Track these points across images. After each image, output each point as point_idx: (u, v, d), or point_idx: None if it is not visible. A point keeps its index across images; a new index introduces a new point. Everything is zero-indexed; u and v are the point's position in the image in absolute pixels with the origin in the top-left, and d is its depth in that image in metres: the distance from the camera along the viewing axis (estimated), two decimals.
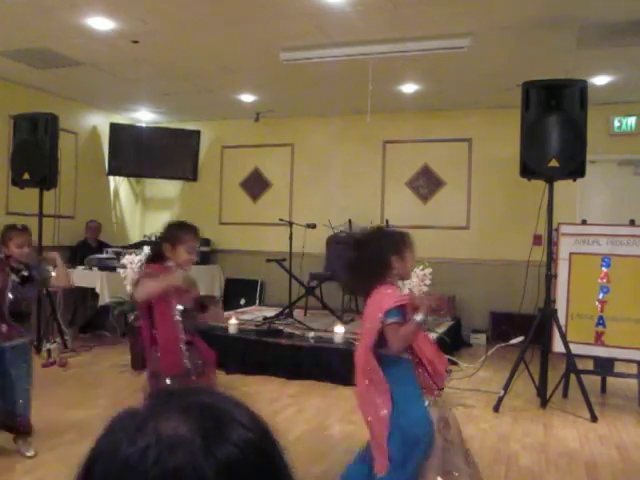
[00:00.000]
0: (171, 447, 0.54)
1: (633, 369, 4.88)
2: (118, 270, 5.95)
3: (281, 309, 6.60)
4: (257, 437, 0.58)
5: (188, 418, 0.56)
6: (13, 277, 3.39)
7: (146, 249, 5.87)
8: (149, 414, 0.58)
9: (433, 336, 5.76)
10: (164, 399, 0.61)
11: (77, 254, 7.20)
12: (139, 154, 8.50)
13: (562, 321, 4.78)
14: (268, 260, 6.94)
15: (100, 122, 8.36)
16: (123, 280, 5.65)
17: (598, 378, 5.14)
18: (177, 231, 3.05)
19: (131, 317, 5.59)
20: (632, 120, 7.01)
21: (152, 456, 0.54)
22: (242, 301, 8.20)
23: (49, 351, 5.64)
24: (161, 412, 0.58)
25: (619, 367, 5.05)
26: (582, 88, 4.61)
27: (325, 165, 8.26)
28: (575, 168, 4.58)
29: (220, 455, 0.54)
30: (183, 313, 2.95)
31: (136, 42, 5.42)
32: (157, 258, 3.03)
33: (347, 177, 8.16)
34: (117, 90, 7.26)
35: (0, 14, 4.85)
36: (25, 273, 3.42)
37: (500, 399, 4.50)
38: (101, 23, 4.99)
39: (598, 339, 4.83)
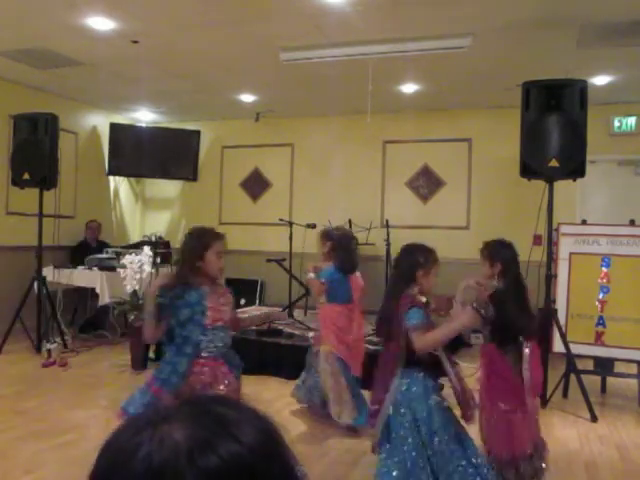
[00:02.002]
0: (160, 448, 0.58)
1: (633, 369, 4.88)
2: (118, 270, 5.95)
3: (281, 309, 6.60)
4: (248, 453, 0.59)
5: (189, 425, 0.60)
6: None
7: (146, 249, 5.88)
8: (159, 416, 0.62)
9: None
10: (181, 404, 0.65)
11: (77, 254, 7.20)
12: (139, 154, 8.50)
13: (562, 321, 4.78)
14: (268, 260, 6.94)
15: (100, 122, 8.36)
16: (123, 280, 5.65)
17: (598, 378, 5.13)
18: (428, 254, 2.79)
19: (131, 317, 5.58)
20: (632, 120, 7.01)
21: (142, 452, 0.58)
22: (242, 301, 8.19)
23: (49, 351, 5.64)
24: (170, 416, 0.62)
25: (619, 367, 5.05)
26: (582, 88, 4.61)
27: (325, 165, 8.26)
28: (575, 168, 4.59)
29: (202, 464, 0.57)
30: None
31: (136, 42, 5.42)
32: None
33: (347, 177, 8.15)
34: (117, 90, 7.26)
35: (0, 14, 4.85)
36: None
37: None
38: (101, 23, 4.98)
39: (598, 339, 4.83)
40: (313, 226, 6.92)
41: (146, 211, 9.38)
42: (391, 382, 2.58)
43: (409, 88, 6.79)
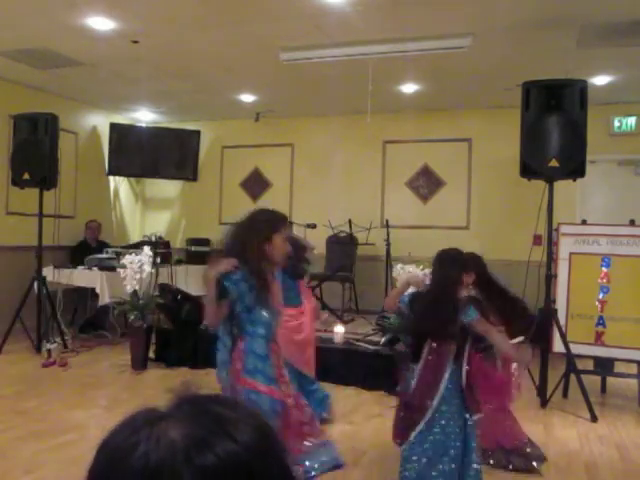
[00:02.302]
0: (157, 446, 0.59)
1: (633, 369, 4.88)
2: (118, 270, 5.95)
3: None
4: (244, 452, 0.60)
5: (186, 424, 0.61)
6: None
7: (146, 249, 5.87)
8: (156, 415, 0.63)
9: None
10: (179, 403, 0.65)
11: (77, 254, 7.19)
12: (139, 154, 8.49)
13: (562, 321, 4.78)
14: None
15: (100, 122, 8.36)
16: (123, 280, 5.65)
17: (598, 378, 5.13)
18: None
19: (131, 317, 5.58)
20: (632, 120, 7.01)
21: (139, 451, 0.59)
22: None
23: (49, 351, 5.64)
24: (167, 415, 0.63)
25: (619, 367, 5.05)
26: (582, 88, 4.61)
27: (325, 165, 8.26)
28: (575, 168, 4.59)
29: (198, 462, 0.58)
30: None
31: (136, 42, 5.42)
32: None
33: (347, 177, 8.15)
34: (117, 90, 7.26)
35: (0, 14, 4.86)
36: None
37: None
38: (101, 23, 4.99)
39: (598, 339, 4.83)
40: (313, 226, 6.92)
41: (146, 211, 9.38)
42: (441, 379, 2.74)
43: (409, 88, 6.79)
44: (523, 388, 3.56)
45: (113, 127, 8.36)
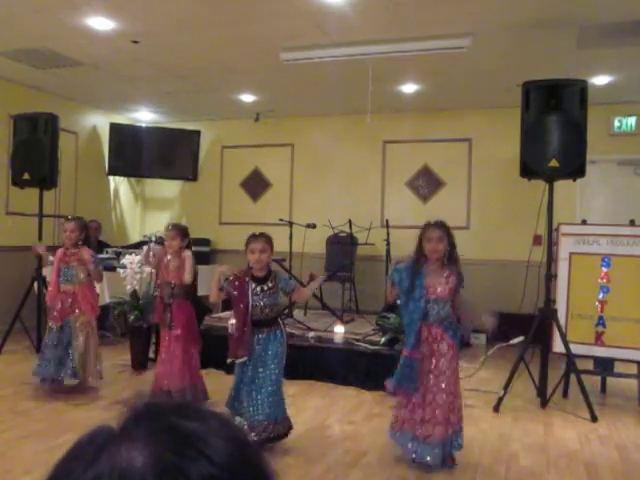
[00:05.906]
0: None
1: (633, 369, 4.88)
2: (118, 270, 5.95)
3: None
4: (221, 472, 0.52)
5: (150, 447, 0.52)
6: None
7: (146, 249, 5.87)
8: (113, 438, 0.54)
9: None
10: (136, 418, 0.56)
11: None
12: (139, 154, 8.50)
13: (562, 321, 4.78)
14: None
15: (100, 122, 8.36)
16: (123, 280, 5.65)
17: (598, 378, 5.14)
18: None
19: (131, 317, 5.58)
20: (632, 120, 7.01)
21: None
22: None
23: None
24: (125, 436, 0.54)
25: (619, 367, 5.05)
26: (582, 88, 4.61)
27: (325, 165, 8.26)
28: (575, 168, 4.58)
29: None
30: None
31: (136, 42, 5.42)
32: None
33: (347, 177, 8.16)
34: (117, 90, 7.26)
35: (0, 14, 4.86)
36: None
37: (500, 399, 4.50)
38: (101, 23, 4.99)
39: (598, 339, 4.83)
40: (313, 226, 6.92)
41: (146, 211, 9.38)
42: None
43: (409, 88, 6.79)
44: None
45: (113, 127, 8.37)
